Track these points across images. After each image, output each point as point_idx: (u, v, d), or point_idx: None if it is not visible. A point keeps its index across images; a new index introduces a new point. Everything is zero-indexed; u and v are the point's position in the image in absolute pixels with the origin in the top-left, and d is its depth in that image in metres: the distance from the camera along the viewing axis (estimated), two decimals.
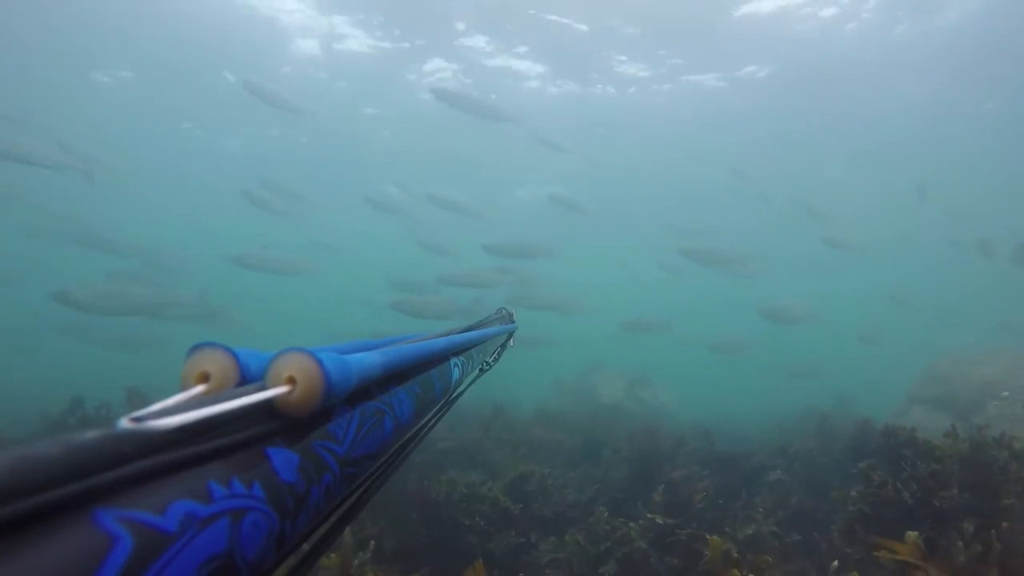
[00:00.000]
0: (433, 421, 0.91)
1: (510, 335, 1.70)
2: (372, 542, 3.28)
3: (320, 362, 0.48)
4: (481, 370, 1.32)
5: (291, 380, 0.48)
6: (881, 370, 19.41)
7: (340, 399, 0.53)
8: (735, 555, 3.35)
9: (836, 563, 3.38)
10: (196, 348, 0.49)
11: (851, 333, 20.68)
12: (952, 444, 3.85)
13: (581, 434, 7.78)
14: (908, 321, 23.71)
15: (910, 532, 3.11)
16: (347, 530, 3.62)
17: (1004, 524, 3.13)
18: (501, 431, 7.17)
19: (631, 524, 4.21)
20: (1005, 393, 8.48)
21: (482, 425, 7.16)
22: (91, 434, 0.32)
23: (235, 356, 0.49)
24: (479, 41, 15.00)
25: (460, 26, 14.40)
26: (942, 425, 4.42)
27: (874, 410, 9.67)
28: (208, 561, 0.35)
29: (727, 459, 6.04)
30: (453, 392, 1.00)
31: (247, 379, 0.49)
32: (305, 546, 0.55)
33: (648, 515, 4.29)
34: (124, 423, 0.35)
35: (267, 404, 0.47)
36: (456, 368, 1.00)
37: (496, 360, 1.49)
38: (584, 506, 4.85)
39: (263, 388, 0.47)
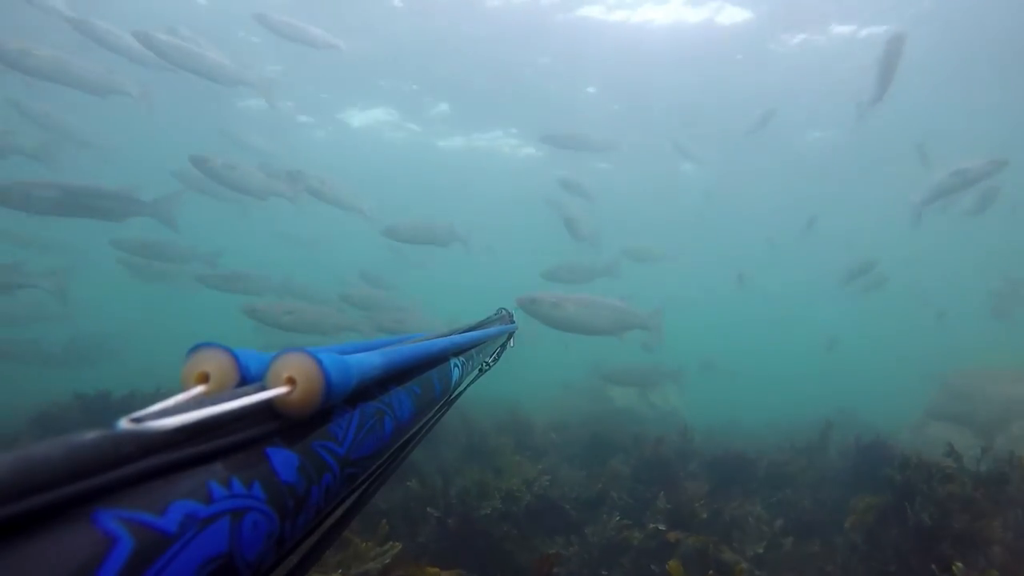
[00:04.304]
0: (433, 422, 0.91)
1: (510, 335, 1.69)
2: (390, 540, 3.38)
3: (319, 362, 0.49)
4: (480, 371, 1.31)
5: (291, 380, 0.48)
6: (884, 374, 18.97)
7: (340, 399, 0.53)
8: None
9: None
10: (195, 348, 0.49)
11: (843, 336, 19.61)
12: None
13: (594, 437, 7.82)
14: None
15: None
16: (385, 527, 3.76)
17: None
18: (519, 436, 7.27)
19: (636, 532, 4.29)
20: None
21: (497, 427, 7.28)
22: (91, 435, 0.33)
23: (235, 356, 0.49)
24: None
25: None
26: (963, 443, 4.36)
27: (886, 424, 9.56)
28: (208, 562, 0.35)
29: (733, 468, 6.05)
30: (453, 393, 0.99)
31: (247, 379, 0.49)
32: (304, 546, 0.56)
33: (651, 525, 4.36)
34: (124, 424, 0.36)
35: (267, 405, 0.47)
36: (456, 368, 0.99)
37: (496, 360, 1.48)
38: (592, 509, 4.91)
39: (263, 388, 0.47)
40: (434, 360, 0.88)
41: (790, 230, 18.58)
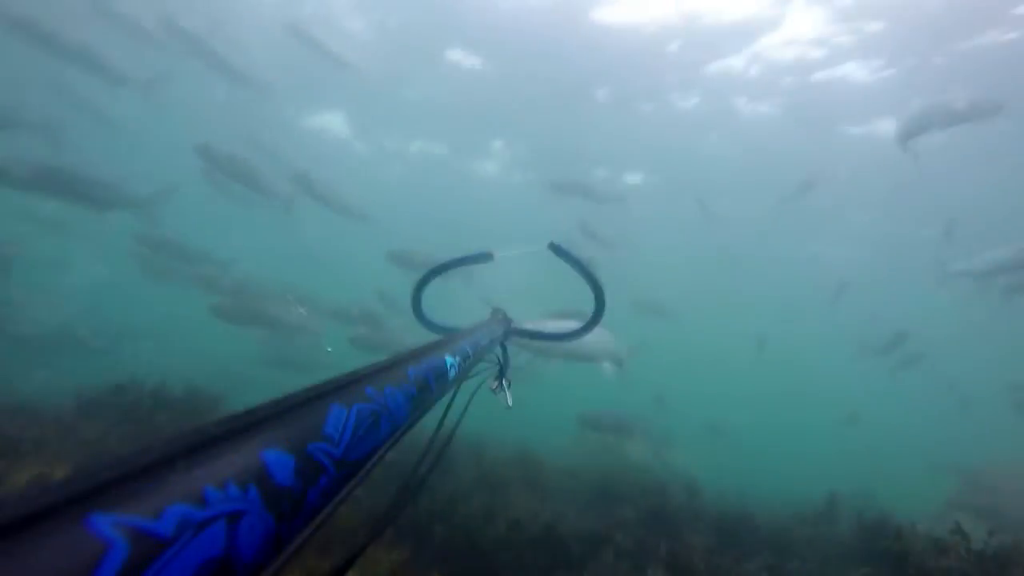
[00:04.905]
0: (436, 423, 0.95)
1: (506, 336, 1.72)
2: None
3: None
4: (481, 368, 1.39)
5: None
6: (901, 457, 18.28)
7: None
8: None
9: None
10: None
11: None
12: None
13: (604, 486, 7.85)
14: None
15: None
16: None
17: None
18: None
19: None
20: None
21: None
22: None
23: None
24: None
25: None
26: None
27: (904, 510, 9.30)
28: (203, 567, 0.35)
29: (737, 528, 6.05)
30: (453, 394, 1.04)
31: None
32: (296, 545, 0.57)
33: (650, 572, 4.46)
34: None
35: None
36: (452, 370, 1.02)
37: (504, 361, 1.58)
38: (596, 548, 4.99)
39: None
40: (432, 362, 0.93)
41: (820, 295, 18.44)
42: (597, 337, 6.65)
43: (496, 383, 1.59)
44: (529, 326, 2.17)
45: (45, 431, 5.13)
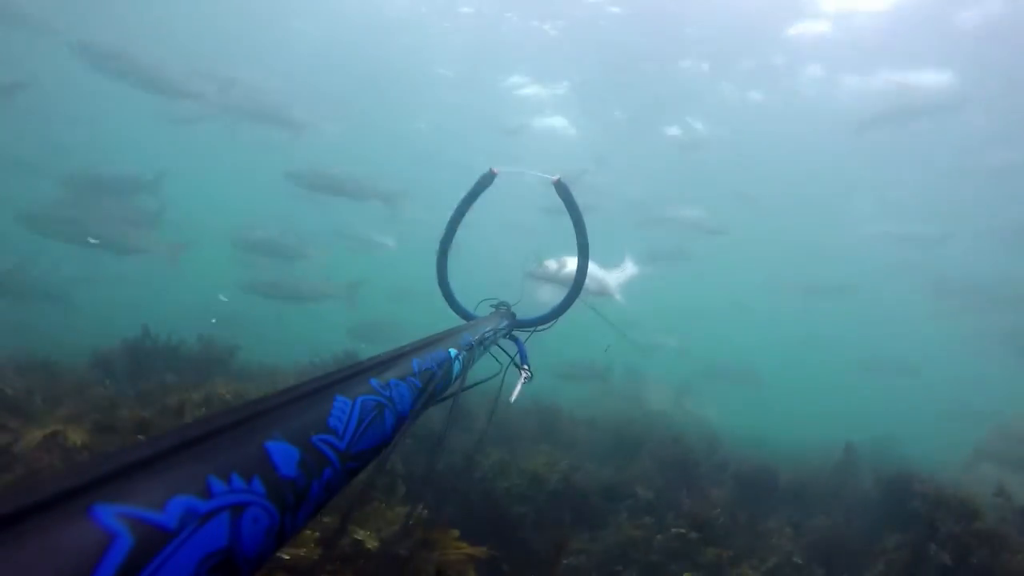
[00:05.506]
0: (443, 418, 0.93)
1: (510, 330, 1.67)
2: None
3: None
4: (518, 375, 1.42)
5: None
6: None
7: None
8: None
9: None
10: None
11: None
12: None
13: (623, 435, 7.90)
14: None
15: None
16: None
17: None
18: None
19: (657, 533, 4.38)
20: None
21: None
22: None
23: None
24: None
25: None
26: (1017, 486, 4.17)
27: (929, 459, 9.19)
28: (207, 557, 0.35)
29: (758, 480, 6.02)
30: (457, 386, 1.02)
31: None
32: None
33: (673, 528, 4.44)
34: None
35: None
36: (457, 362, 1.01)
37: (522, 363, 1.54)
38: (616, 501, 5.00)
39: None
40: (437, 354, 0.92)
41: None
42: (600, 274, 6.61)
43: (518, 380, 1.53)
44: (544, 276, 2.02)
45: (60, 390, 5.16)
